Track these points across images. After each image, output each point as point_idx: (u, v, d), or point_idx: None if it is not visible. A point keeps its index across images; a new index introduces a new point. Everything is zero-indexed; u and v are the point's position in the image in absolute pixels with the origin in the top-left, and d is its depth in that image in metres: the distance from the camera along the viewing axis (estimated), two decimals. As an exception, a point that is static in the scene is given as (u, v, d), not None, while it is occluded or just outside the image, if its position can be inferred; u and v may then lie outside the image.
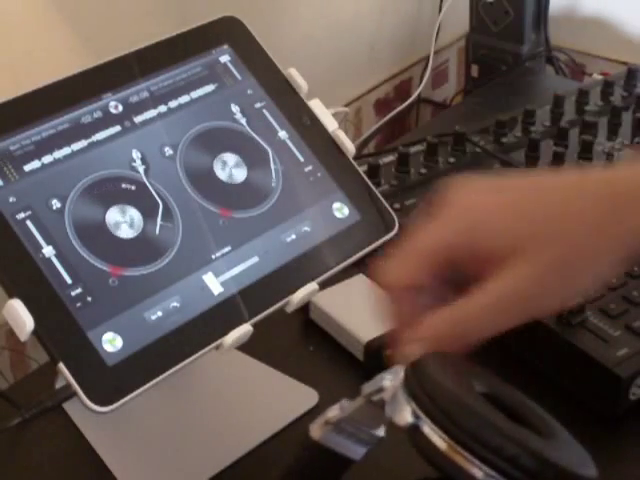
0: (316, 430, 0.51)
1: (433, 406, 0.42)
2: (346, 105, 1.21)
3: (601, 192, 0.47)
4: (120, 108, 0.64)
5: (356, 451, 0.52)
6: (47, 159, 0.60)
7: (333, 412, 0.50)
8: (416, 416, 0.43)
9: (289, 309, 0.62)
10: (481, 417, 0.42)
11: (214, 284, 0.60)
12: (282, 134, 0.68)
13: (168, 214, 0.61)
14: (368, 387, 0.47)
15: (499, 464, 0.41)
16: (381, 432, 0.51)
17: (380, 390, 0.46)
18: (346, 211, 0.66)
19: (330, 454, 0.51)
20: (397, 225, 0.66)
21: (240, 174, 0.65)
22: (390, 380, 0.46)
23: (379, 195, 0.68)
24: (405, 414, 0.43)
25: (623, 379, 0.65)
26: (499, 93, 1.18)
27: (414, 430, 0.43)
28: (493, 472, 0.41)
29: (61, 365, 0.54)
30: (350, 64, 1.22)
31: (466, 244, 0.47)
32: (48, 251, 0.57)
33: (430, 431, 0.42)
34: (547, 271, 0.46)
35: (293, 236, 0.64)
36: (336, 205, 0.66)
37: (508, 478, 0.41)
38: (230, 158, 0.65)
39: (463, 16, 1.26)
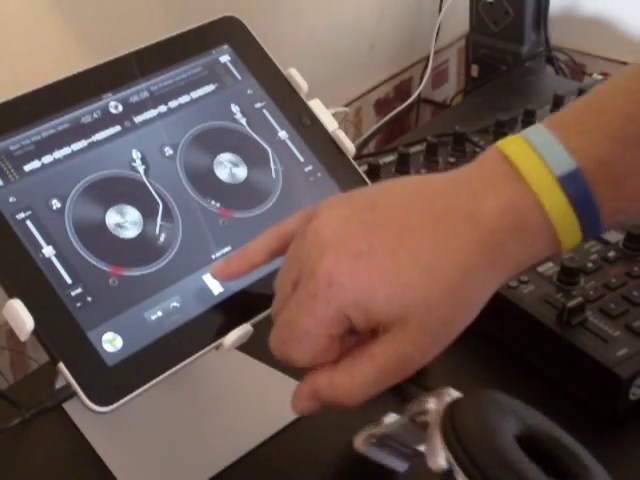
0: (360, 443, 0.51)
1: (466, 458, 0.42)
2: (346, 105, 1.21)
3: (479, 242, 0.46)
4: (120, 108, 0.64)
5: (399, 465, 0.52)
6: (47, 159, 0.60)
7: (377, 427, 0.50)
8: (450, 463, 0.43)
9: (289, 309, 0.62)
10: (514, 472, 0.42)
11: (214, 284, 0.60)
12: (282, 134, 0.68)
13: (168, 214, 0.61)
14: (412, 408, 0.47)
15: None
16: (424, 448, 0.51)
17: (424, 412, 0.46)
18: (346, 211, 0.66)
19: (373, 466, 0.51)
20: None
21: (240, 174, 0.65)
22: (434, 403, 0.46)
23: (379, 195, 0.68)
24: (439, 459, 0.43)
25: (623, 379, 0.65)
26: (499, 93, 1.18)
27: (447, 475, 0.43)
28: None
29: (61, 365, 0.54)
30: (350, 64, 1.22)
31: (352, 322, 0.47)
32: (48, 251, 0.57)
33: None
34: (431, 334, 0.47)
35: (293, 236, 0.64)
36: (336, 205, 0.66)
37: None
38: (230, 158, 0.65)
39: (463, 16, 1.26)
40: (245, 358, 0.72)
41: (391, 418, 0.50)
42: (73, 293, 0.56)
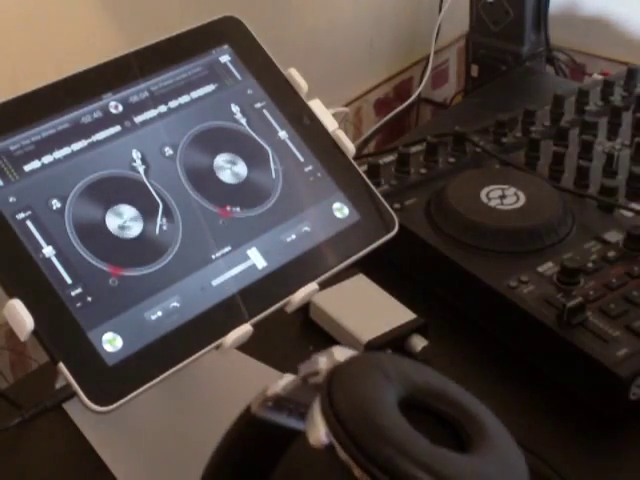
0: (256, 407, 0.50)
1: (346, 436, 0.41)
2: (346, 105, 1.21)
3: None
4: (120, 108, 0.64)
5: (299, 425, 0.50)
6: (47, 159, 0.60)
7: (272, 390, 0.49)
8: (330, 439, 0.42)
9: (289, 309, 0.62)
10: (394, 445, 0.41)
11: (215, 283, 0.60)
12: (282, 134, 0.68)
13: (168, 214, 0.61)
14: (304, 368, 0.47)
15: None
16: None
17: (316, 373, 0.45)
18: (346, 211, 0.66)
19: (273, 427, 0.50)
20: (397, 225, 0.66)
21: (240, 174, 0.65)
22: (325, 363, 0.45)
23: (379, 195, 0.68)
24: (320, 435, 0.42)
25: (623, 379, 0.65)
26: (499, 93, 1.18)
27: (331, 449, 0.42)
28: None
29: (61, 365, 0.54)
30: (350, 64, 1.22)
31: None
32: (48, 251, 0.57)
33: (345, 457, 0.41)
34: None
35: (293, 236, 0.64)
36: (336, 205, 0.66)
37: None
38: (230, 158, 0.65)
39: (463, 16, 1.27)
40: (245, 358, 0.72)
41: (285, 380, 0.49)
42: (73, 293, 0.56)
